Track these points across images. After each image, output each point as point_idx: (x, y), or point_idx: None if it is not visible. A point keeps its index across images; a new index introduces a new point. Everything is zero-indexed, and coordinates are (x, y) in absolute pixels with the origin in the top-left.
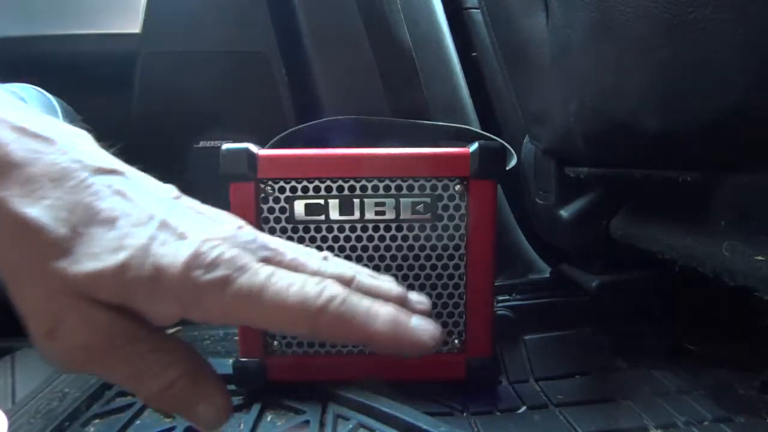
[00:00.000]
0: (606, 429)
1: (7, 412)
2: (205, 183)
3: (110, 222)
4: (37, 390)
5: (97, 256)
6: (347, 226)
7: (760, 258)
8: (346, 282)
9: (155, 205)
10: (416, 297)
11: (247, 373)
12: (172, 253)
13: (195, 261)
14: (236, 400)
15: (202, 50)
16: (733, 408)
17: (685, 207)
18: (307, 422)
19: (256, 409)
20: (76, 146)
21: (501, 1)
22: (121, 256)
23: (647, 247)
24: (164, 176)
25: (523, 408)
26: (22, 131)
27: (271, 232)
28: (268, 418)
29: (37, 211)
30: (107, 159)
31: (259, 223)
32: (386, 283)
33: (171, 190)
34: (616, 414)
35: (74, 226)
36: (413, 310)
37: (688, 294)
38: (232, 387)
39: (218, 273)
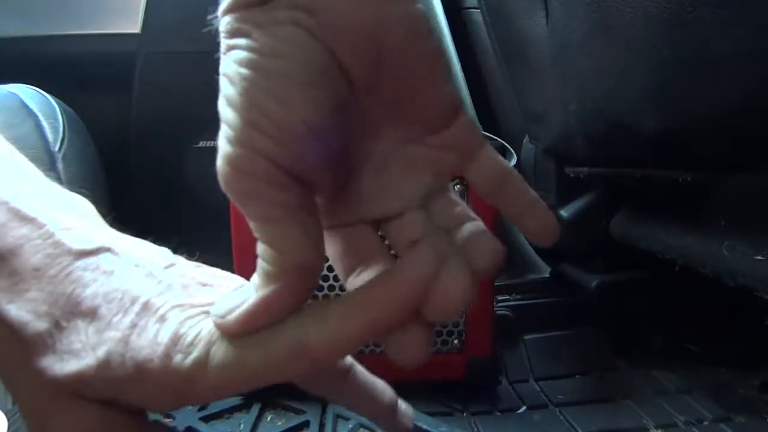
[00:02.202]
0: (606, 429)
1: (7, 412)
2: (205, 183)
3: (91, 313)
4: None
5: (78, 354)
6: None
7: (760, 258)
8: None
9: (141, 284)
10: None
11: None
12: (150, 344)
13: (173, 347)
14: (236, 400)
15: (202, 50)
16: (733, 408)
17: (685, 207)
18: (307, 422)
19: (256, 409)
20: (64, 225)
21: (501, 1)
22: (100, 354)
23: (647, 247)
24: (164, 176)
25: (523, 408)
26: (15, 214)
27: None
28: (268, 418)
29: (17, 307)
30: (94, 237)
31: None
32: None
33: (163, 258)
34: (616, 414)
35: (56, 320)
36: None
37: (688, 294)
38: None
39: (196, 353)
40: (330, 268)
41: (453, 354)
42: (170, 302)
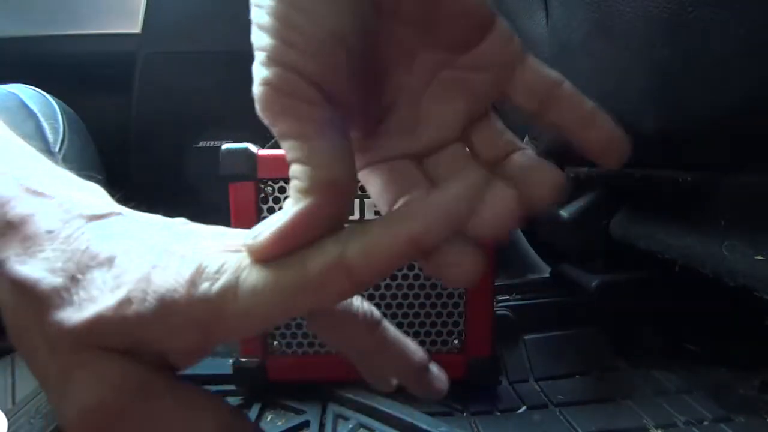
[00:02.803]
0: (606, 429)
1: (7, 412)
2: (205, 183)
3: (109, 262)
4: (37, 390)
5: (95, 299)
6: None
7: (760, 258)
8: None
9: (157, 236)
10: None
11: (247, 373)
12: (174, 275)
13: (199, 277)
14: (236, 400)
15: (202, 50)
16: (733, 408)
17: (685, 207)
18: (307, 422)
19: (256, 409)
20: (74, 198)
21: (501, 1)
22: (119, 294)
23: (647, 247)
24: (164, 176)
25: (523, 408)
26: (26, 189)
27: None
28: (268, 418)
29: (30, 267)
30: (105, 206)
31: (259, 223)
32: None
33: (178, 220)
34: (616, 414)
35: (71, 274)
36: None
37: (688, 294)
38: (232, 387)
39: (225, 278)
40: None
41: (453, 354)
42: (189, 246)
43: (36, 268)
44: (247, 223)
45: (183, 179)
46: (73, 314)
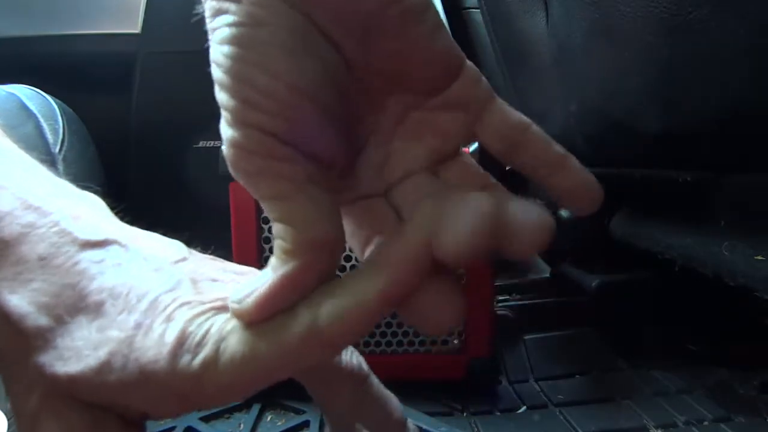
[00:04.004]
0: (606, 429)
1: (7, 413)
2: (205, 183)
3: (96, 309)
4: None
5: (79, 353)
6: None
7: (760, 258)
8: None
9: (148, 279)
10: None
11: None
12: (156, 345)
13: (180, 347)
14: (236, 400)
15: (202, 50)
16: (733, 408)
17: (685, 207)
18: (307, 422)
19: (256, 409)
20: (70, 215)
21: (501, 1)
22: (101, 354)
23: (647, 247)
24: (164, 176)
25: (523, 408)
26: (22, 203)
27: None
28: (268, 418)
29: (18, 298)
30: (102, 227)
31: (259, 224)
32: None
33: (174, 252)
34: (616, 414)
35: (58, 315)
36: None
37: (688, 294)
38: None
39: (205, 352)
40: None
41: (453, 354)
42: (178, 300)
43: (24, 301)
44: (247, 223)
45: (183, 179)
46: (55, 362)
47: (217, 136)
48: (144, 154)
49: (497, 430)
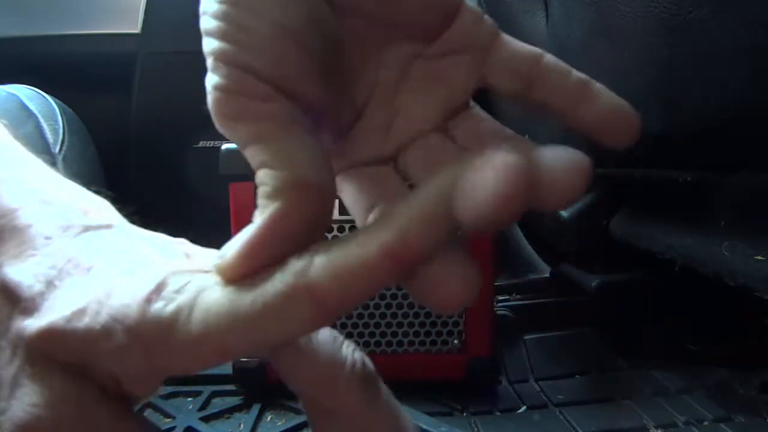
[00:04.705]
0: (606, 429)
1: None
2: (205, 183)
3: (85, 271)
4: None
5: (56, 308)
6: (347, 226)
7: (760, 258)
8: None
9: (144, 249)
10: None
11: (247, 373)
12: (133, 291)
13: (156, 294)
14: (236, 400)
15: (202, 50)
16: (733, 408)
17: (684, 207)
18: (307, 422)
19: (256, 409)
20: (75, 207)
21: (501, 1)
22: (77, 304)
23: (647, 247)
24: (164, 176)
25: (523, 408)
26: (36, 197)
27: None
28: (268, 418)
29: (17, 270)
30: (104, 218)
31: None
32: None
33: (176, 241)
34: (616, 414)
35: (50, 282)
36: None
37: (688, 294)
38: (232, 387)
39: (181, 299)
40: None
41: (453, 354)
42: (170, 265)
43: (22, 272)
44: (247, 223)
45: (183, 179)
46: (33, 322)
47: (217, 136)
48: (144, 154)
49: (497, 430)
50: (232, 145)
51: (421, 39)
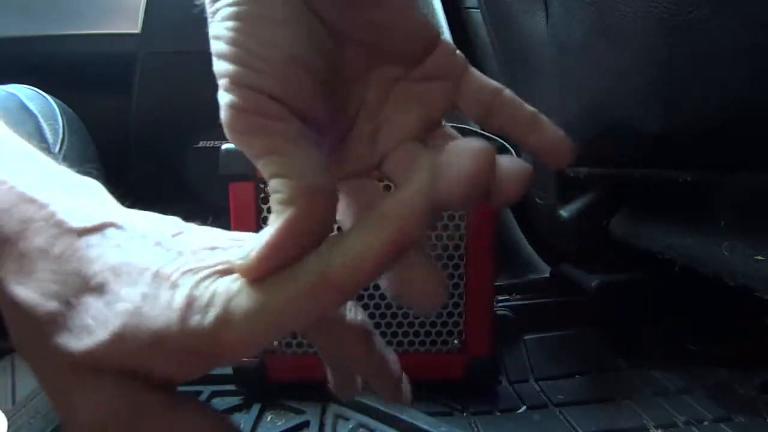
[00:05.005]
0: (606, 429)
1: (7, 413)
2: (205, 183)
3: (100, 288)
4: (37, 390)
5: (90, 328)
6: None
7: (760, 258)
8: None
9: (149, 254)
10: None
11: (247, 373)
12: (164, 311)
13: (189, 310)
14: (236, 400)
15: (202, 50)
16: (733, 408)
17: (684, 207)
18: (307, 422)
19: (256, 409)
20: (66, 204)
21: (501, 1)
22: (112, 328)
23: (647, 247)
24: (164, 176)
25: (523, 408)
26: (19, 196)
27: None
28: (268, 418)
29: (25, 289)
30: (98, 213)
31: (259, 223)
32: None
33: (171, 226)
34: (616, 414)
35: (65, 299)
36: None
37: (688, 294)
38: (232, 387)
39: (215, 311)
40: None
41: (453, 354)
42: (181, 268)
43: (31, 292)
44: (247, 223)
45: (183, 179)
46: (70, 341)
47: (217, 136)
48: (144, 154)
49: (497, 430)
50: (232, 146)
51: (404, 65)
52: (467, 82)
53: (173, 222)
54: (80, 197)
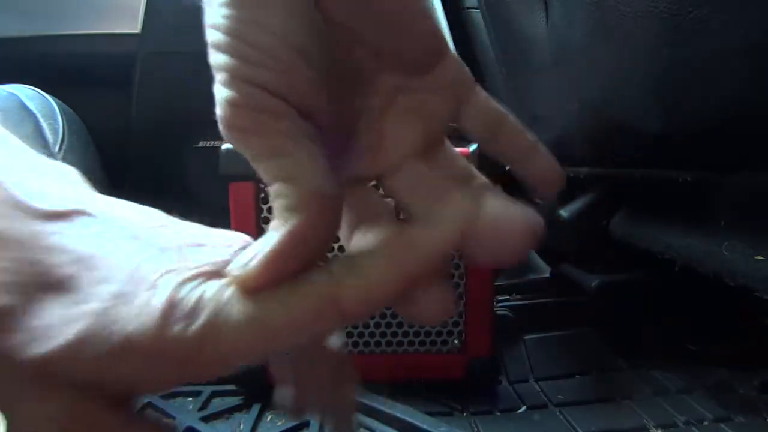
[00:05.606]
0: (606, 429)
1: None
2: (205, 183)
3: (66, 283)
4: None
5: (49, 331)
6: None
7: (760, 258)
8: None
9: (126, 248)
10: None
11: (247, 373)
12: (141, 313)
13: (171, 314)
14: (236, 400)
15: (202, 50)
16: (733, 408)
17: (685, 207)
18: (307, 422)
19: (256, 409)
20: (32, 187)
21: (501, 1)
22: (73, 331)
23: (647, 247)
24: (164, 176)
25: (523, 408)
26: None
27: None
28: (268, 418)
29: None
30: (68, 198)
31: (259, 223)
32: None
33: (153, 218)
34: (616, 414)
35: (23, 293)
36: None
37: (688, 294)
38: (232, 387)
39: (204, 318)
40: None
41: (453, 354)
42: (162, 267)
43: None
44: (247, 223)
45: (183, 179)
46: (22, 345)
47: (217, 136)
48: (144, 154)
49: (497, 430)
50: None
51: (410, 72)
52: (474, 101)
53: (156, 214)
54: (49, 180)
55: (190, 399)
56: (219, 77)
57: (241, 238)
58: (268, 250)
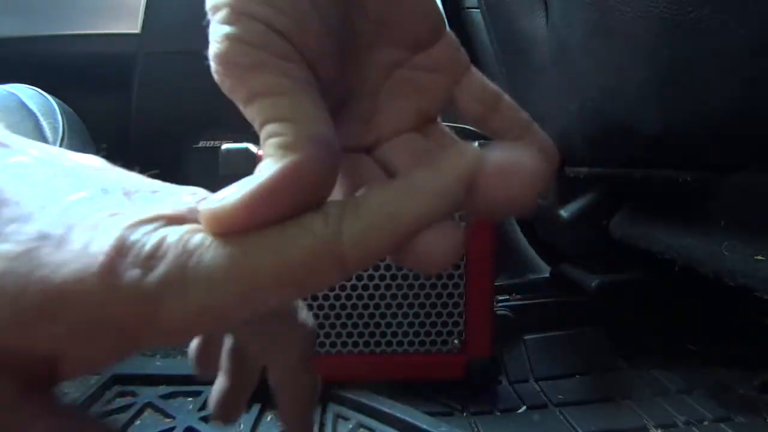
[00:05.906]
0: (606, 429)
1: None
2: (205, 183)
3: None
4: None
5: None
6: None
7: (760, 258)
8: None
9: (58, 184)
10: None
11: None
12: (78, 257)
13: (121, 260)
14: None
15: (202, 50)
16: (733, 408)
17: (684, 207)
18: None
19: (256, 409)
20: None
21: (501, 1)
22: None
23: (647, 247)
24: (164, 177)
25: (523, 408)
26: None
27: None
28: (268, 418)
29: None
30: None
31: None
32: None
33: (94, 161)
34: (616, 414)
35: None
36: None
37: (688, 294)
38: None
39: (165, 266)
40: None
41: (453, 354)
42: (105, 210)
43: None
44: None
45: (183, 179)
46: None
47: (217, 136)
48: (144, 154)
49: (497, 430)
50: (232, 145)
51: (409, 48)
52: (469, 80)
53: (98, 158)
54: None
55: (190, 399)
56: (218, 14)
57: (199, 190)
58: (255, 184)
